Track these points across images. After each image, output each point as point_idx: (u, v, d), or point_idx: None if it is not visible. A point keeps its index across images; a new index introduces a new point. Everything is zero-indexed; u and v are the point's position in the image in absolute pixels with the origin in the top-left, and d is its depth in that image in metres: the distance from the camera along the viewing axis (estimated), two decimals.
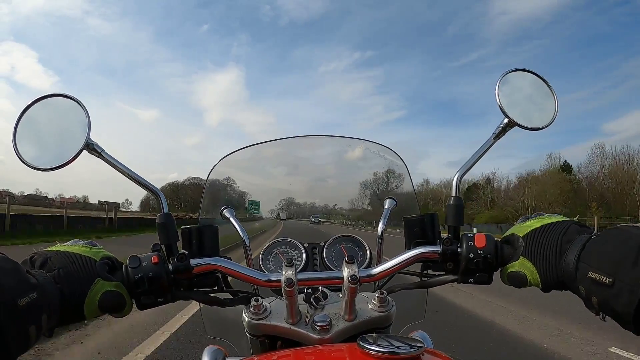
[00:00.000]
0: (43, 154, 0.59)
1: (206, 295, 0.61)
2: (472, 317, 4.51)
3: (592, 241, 0.48)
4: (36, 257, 0.50)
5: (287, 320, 0.59)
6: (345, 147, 0.92)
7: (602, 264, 0.45)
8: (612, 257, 0.44)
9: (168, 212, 0.60)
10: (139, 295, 0.55)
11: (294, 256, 0.77)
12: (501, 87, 0.65)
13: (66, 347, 3.21)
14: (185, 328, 3.73)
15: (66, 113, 0.60)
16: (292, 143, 0.90)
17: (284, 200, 1.25)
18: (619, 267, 0.43)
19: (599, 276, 0.44)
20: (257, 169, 0.99)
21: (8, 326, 0.37)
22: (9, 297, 0.38)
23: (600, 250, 0.46)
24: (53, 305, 0.45)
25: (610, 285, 0.43)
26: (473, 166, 0.64)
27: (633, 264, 0.41)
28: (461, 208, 0.61)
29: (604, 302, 0.44)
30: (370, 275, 0.61)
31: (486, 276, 0.57)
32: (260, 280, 0.60)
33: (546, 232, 0.53)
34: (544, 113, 0.67)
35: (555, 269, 0.51)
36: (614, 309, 0.43)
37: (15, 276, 0.41)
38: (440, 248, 0.59)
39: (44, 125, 0.61)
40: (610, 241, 0.46)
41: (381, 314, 0.61)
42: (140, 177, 0.62)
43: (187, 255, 0.58)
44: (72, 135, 0.59)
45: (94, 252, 0.54)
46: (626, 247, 0.43)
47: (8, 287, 0.39)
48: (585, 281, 0.46)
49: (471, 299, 5.33)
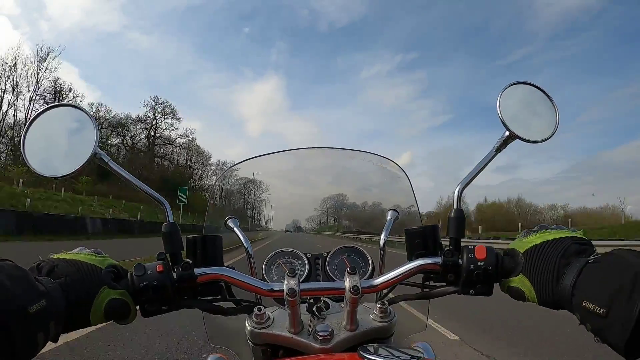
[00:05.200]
0: (51, 161, 0.60)
1: (210, 304, 0.62)
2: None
3: (588, 267, 0.48)
4: (43, 264, 0.50)
5: (290, 330, 0.59)
6: (350, 159, 0.93)
7: (597, 294, 0.45)
8: (607, 288, 0.44)
9: (173, 221, 0.61)
10: (143, 303, 0.55)
11: (297, 266, 0.78)
12: (503, 100, 0.66)
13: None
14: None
15: (75, 123, 0.61)
16: (298, 154, 0.91)
17: (289, 209, 1.26)
18: (613, 299, 0.43)
19: (593, 306, 0.44)
20: (267, 178, 1.01)
21: (18, 333, 0.38)
22: (20, 305, 0.39)
23: (596, 279, 0.46)
24: (60, 312, 0.46)
25: (604, 316, 0.43)
26: (474, 179, 0.65)
27: (627, 298, 0.42)
28: (462, 220, 0.62)
29: (598, 330, 0.45)
30: (372, 286, 0.61)
31: (487, 287, 0.57)
32: (263, 290, 0.61)
33: (545, 251, 0.53)
34: (545, 126, 0.68)
35: (552, 292, 0.51)
36: (608, 339, 0.44)
37: (24, 284, 0.42)
38: (441, 260, 0.59)
39: (53, 134, 0.62)
40: (605, 269, 0.46)
41: (383, 325, 0.62)
42: (145, 187, 0.63)
43: (192, 264, 0.59)
44: (80, 144, 0.60)
45: (100, 260, 0.54)
46: (622, 278, 0.43)
47: (18, 295, 0.40)
48: (580, 310, 0.46)
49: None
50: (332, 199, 1.24)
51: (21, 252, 10.31)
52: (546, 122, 0.68)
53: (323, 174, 1.03)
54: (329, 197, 1.20)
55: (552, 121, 0.67)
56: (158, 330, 3.75)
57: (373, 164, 0.89)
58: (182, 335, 3.67)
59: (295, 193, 1.08)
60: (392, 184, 0.91)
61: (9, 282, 0.40)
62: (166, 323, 3.88)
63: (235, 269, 0.63)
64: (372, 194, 1.06)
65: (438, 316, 4.49)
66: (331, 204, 1.29)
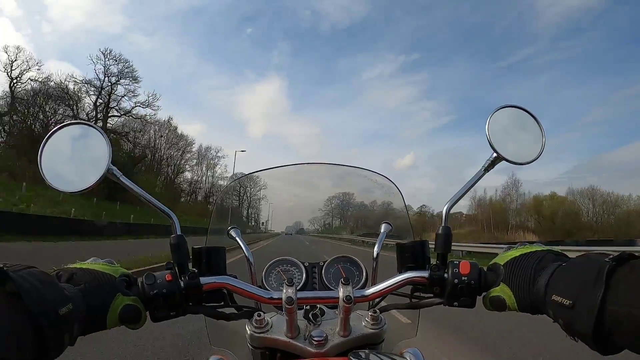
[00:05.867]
0: (67, 177, 0.64)
1: (214, 310, 0.66)
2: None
3: (561, 268, 0.52)
4: (61, 273, 0.55)
5: (287, 335, 0.64)
6: (345, 174, 0.97)
7: (565, 289, 0.49)
8: (574, 282, 0.48)
9: (181, 233, 0.65)
10: (153, 309, 0.60)
11: (295, 275, 0.82)
12: (492, 123, 0.69)
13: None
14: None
15: (89, 140, 0.65)
16: (297, 169, 0.94)
17: (290, 210, 1.27)
18: (579, 291, 0.47)
19: (561, 299, 0.48)
20: (268, 180, 1.03)
21: (50, 333, 0.42)
22: (52, 307, 0.43)
23: (565, 276, 0.51)
24: (82, 315, 0.50)
25: (571, 307, 0.47)
26: (462, 197, 0.69)
27: (591, 288, 0.45)
28: (449, 237, 0.66)
29: (568, 324, 0.48)
30: (364, 296, 0.65)
31: (470, 300, 0.62)
32: (263, 297, 0.65)
33: (523, 261, 0.58)
34: (531, 148, 0.71)
35: (529, 294, 0.55)
36: (576, 330, 0.47)
37: (54, 288, 0.46)
38: (428, 273, 0.64)
39: (68, 150, 0.66)
40: (574, 267, 0.50)
41: (374, 331, 0.66)
42: (154, 201, 0.67)
43: (197, 273, 0.63)
44: (94, 161, 0.64)
45: (113, 270, 0.59)
46: (586, 273, 0.47)
47: (50, 298, 0.44)
48: (551, 304, 0.51)
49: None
50: (337, 198, 1.23)
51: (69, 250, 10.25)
52: (533, 144, 0.71)
53: (325, 177, 1.05)
54: (334, 196, 1.20)
55: (538, 144, 0.71)
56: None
57: (368, 179, 0.93)
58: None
59: (298, 194, 1.09)
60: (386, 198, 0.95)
61: (41, 286, 0.43)
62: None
63: (237, 277, 0.67)
64: (365, 207, 1.09)
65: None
66: (337, 204, 1.28)
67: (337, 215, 1.40)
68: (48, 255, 8.90)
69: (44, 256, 8.83)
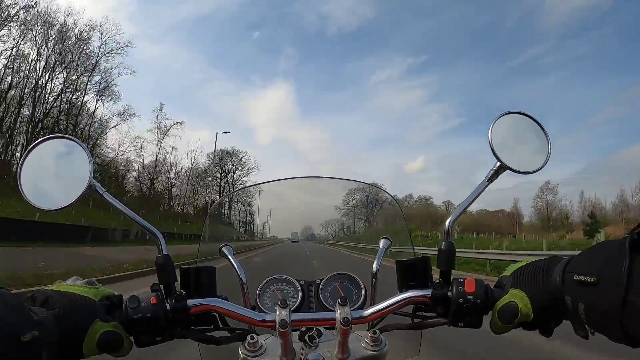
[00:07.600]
0: (47, 194, 0.61)
1: (203, 334, 0.63)
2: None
3: (576, 256, 0.51)
4: (37, 295, 0.51)
5: (282, 358, 0.60)
6: (343, 188, 0.93)
7: (587, 267, 0.46)
8: (596, 260, 0.46)
9: (167, 253, 0.62)
10: (137, 334, 0.56)
11: (290, 294, 0.78)
12: (495, 130, 0.65)
13: None
14: None
15: (70, 154, 0.62)
16: (294, 183, 0.91)
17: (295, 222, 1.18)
18: (603, 266, 0.44)
19: (584, 278, 0.46)
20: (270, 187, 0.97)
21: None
22: (13, 333, 0.41)
23: (585, 257, 0.49)
24: (53, 342, 0.47)
25: (595, 283, 0.44)
26: (466, 210, 0.65)
27: (615, 260, 0.42)
28: (453, 253, 0.62)
29: (592, 306, 0.45)
30: (362, 317, 0.62)
31: (476, 320, 0.58)
32: (255, 320, 0.61)
33: (532, 264, 0.56)
34: (537, 156, 0.67)
35: (543, 287, 0.53)
36: (602, 310, 0.44)
37: (19, 312, 0.43)
38: (430, 292, 0.60)
39: (48, 166, 0.63)
40: (591, 250, 0.48)
41: (374, 353, 0.62)
42: (139, 219, 0.64)
43: (185, 295, 0.60)
44: (75, 176, 0.60)
45: (94, 292, 0.55)
46: (608, 248, 0.45)
47: (12, 323, 0.41)
48: (571, 287, 0.48)
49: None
50: (361, 192, 0.97)
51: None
52: (538, 152, 0.68)
53: (318, 202, 1.00)
54: (357, 188, 0.96)
55: (544, 151, 0.67)
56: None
57: (368, 193, 0.90)
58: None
59: (306, 200, 0.99)
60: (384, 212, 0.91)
61: (4, 309, 0.41)
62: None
63: (227, 298, 0.64)
64: (363, 221, 1.05)
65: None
66: (359, 199, 0.99)
67: (359, 215, 1.10)
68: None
69: None
